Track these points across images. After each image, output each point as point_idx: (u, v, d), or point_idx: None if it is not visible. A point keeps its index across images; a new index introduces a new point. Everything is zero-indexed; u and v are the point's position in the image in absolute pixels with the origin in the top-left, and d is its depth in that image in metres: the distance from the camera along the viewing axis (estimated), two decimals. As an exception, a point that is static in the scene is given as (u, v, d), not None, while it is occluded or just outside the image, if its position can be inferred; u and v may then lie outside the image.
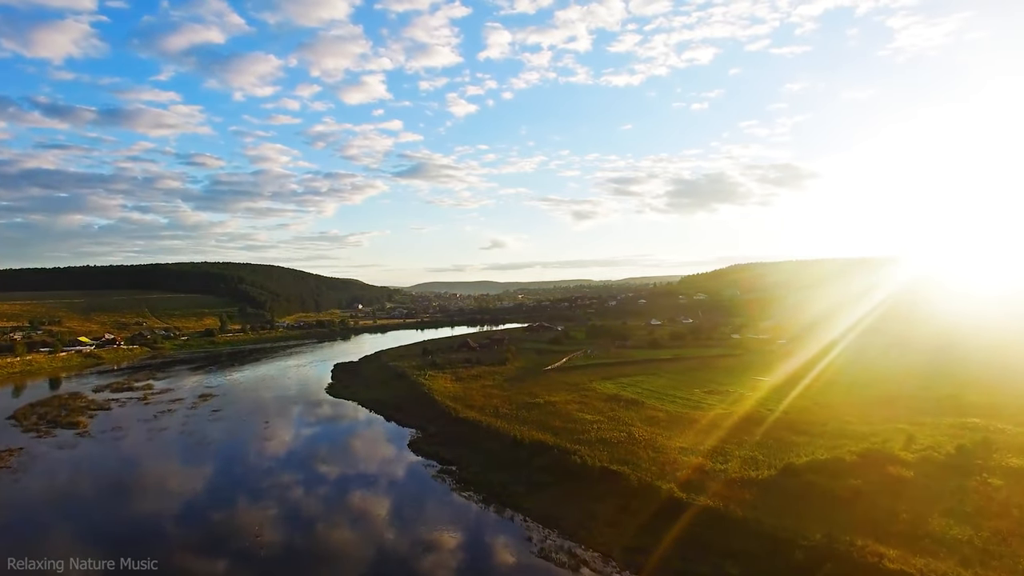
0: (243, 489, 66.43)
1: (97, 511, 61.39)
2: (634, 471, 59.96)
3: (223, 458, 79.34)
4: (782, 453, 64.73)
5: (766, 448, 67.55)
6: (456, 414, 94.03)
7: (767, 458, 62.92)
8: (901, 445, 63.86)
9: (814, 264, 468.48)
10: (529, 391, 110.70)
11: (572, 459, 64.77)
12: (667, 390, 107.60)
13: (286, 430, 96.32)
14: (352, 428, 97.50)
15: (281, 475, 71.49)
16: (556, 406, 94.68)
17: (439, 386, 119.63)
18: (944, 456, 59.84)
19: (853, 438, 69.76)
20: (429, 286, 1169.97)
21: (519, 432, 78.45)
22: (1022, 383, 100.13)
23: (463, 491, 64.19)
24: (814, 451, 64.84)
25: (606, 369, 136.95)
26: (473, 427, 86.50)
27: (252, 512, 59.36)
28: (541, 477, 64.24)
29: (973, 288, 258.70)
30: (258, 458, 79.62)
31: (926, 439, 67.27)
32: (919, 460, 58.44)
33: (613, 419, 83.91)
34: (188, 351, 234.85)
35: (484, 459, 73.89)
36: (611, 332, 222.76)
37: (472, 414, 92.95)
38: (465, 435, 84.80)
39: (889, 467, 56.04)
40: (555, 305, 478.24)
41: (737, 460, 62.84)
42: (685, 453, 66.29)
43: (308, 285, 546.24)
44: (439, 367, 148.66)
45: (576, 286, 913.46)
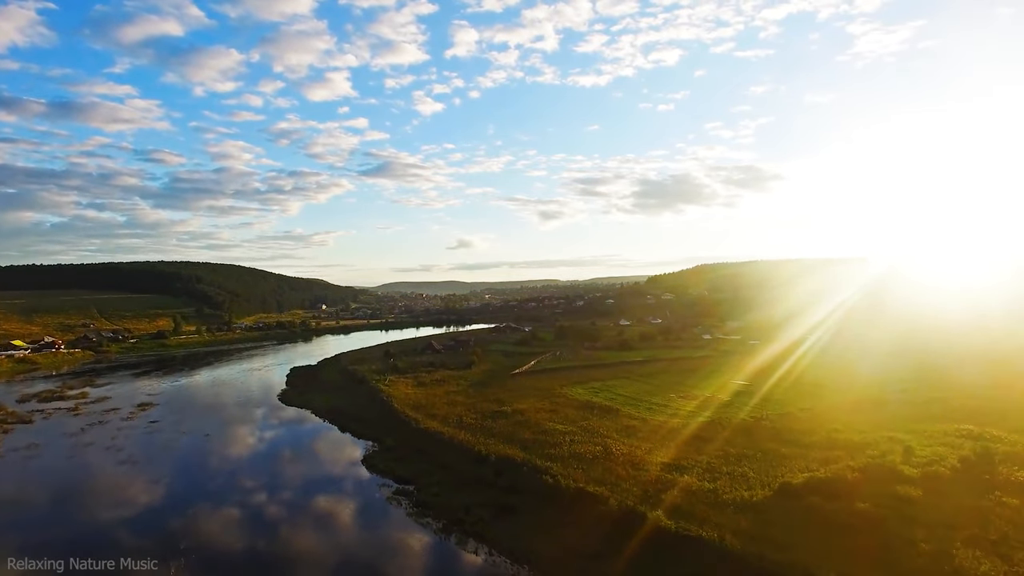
0: (155, 523, 56.63)
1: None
2: (614, 493, 53.25)
3: (146, 481, 69.73)
4: (774, 468, 58.82)
5: (755, 462, 61.62)
6: (416, 424, 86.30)
7: (759, 475, 56.89)
8: (901, 458, 58.62)
9: (779, 264, 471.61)
10: (496, 397, 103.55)
11: (543, 479, 57.82)
12: (642, 395, 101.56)
13: (228, 445, 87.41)
14: (302, 441, 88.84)
15: (209, 503, 62.19)
16: (525, 415, 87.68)
17: (400, 393, 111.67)
18: (949, 470, 54.68)
19: (846, 449, 64.40)
20: (395, 286, 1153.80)
21: (484, 446, 71.24)
22: (1002, 384, 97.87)
23: (420, 517, 56.63)
24: (807, 465, 59.16)
25: (576, 372, 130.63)
26: (434, 439, 78.92)
27: (154, 550, 49.16)
28: (509, 499, 57.12)
29: (937, 287, 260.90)
30: (187, 481, 70.06)
31: (925, 450, 62.24)
32: (925, 476, 53.07)
33: (587, 429, 77.21)
34: (137, 355, 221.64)
35: (445, 477, 66.48)
36: (580, 333, 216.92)
37: (434, 424, 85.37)
38: (425, 449, 77.22)
39: (896, 486, 50.49)
40: (522, 305, 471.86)
41: (726, 477, 56.69)
42: (668, 469, 59.91)
43: (270, 285, 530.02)
44: (401, 371, 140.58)
45: (543, 286, 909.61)
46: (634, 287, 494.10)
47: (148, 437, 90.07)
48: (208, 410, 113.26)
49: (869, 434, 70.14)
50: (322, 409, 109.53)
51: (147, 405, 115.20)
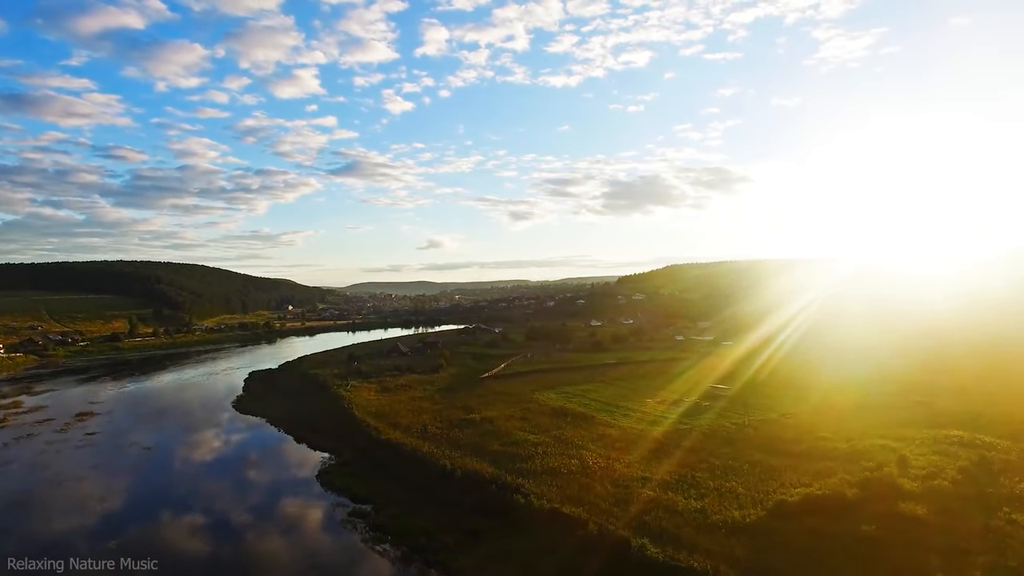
0: (79, 549, 50.21)
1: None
2: (593, 515, 48.02)
3: (72, 501, 62.56)
4: (764, 483, 54.27)
5: (743, 475, 57.01)
6: (377, 435, 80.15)
7: (749, 491, 52.22)
8: (897, 469, 54.55)
9: (748, 265, 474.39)
10: (464, 404, 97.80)
11: (514, 499, 52.39)
12: (617, 400, 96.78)
13: (169, 460, 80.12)
14: (253, 454, 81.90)
15: (140, 526, 55.49)
16: (494, 423, 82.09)
17: (362, 399, 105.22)
18: (951, 484, 50.71)
19: (838, 460, 60.27)
20: (365, 286, 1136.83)
21: (450, 459, 65.50)
22: (977, 385, 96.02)
23: (377, 543, 50.74)
24: (800, 478, 54.76)
25: (548, 376, 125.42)
26: (396, 452, 72.93)
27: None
28: (476, 522, 51.56)
29: (903, 286, 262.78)
30: (119, 501, 62.98)
31: (920, 460, 58.39)
32: (927, 491, 48.94)
33: (561, 440, 71.96)
34: (86, 359, 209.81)
35: (407, 495, 60.61)
36: (551, 334, 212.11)
37: (396, 435, 79.29)
38: (386, 462, 71.19)
39: (899, 503, 46.18)
40: (493, 305, 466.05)
41: (714, 494, 51.90)
42: (650, 485, 54.92)
43: (234, 285, 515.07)
44: (364, 376, 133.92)
45: (514, 286, 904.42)
46: (605, 287, 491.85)
47: (80, 452, 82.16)
48: (154, 419, 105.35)
49: (858, 442, 66.19)
50: (278, 417, 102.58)
51: (87, 415, 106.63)
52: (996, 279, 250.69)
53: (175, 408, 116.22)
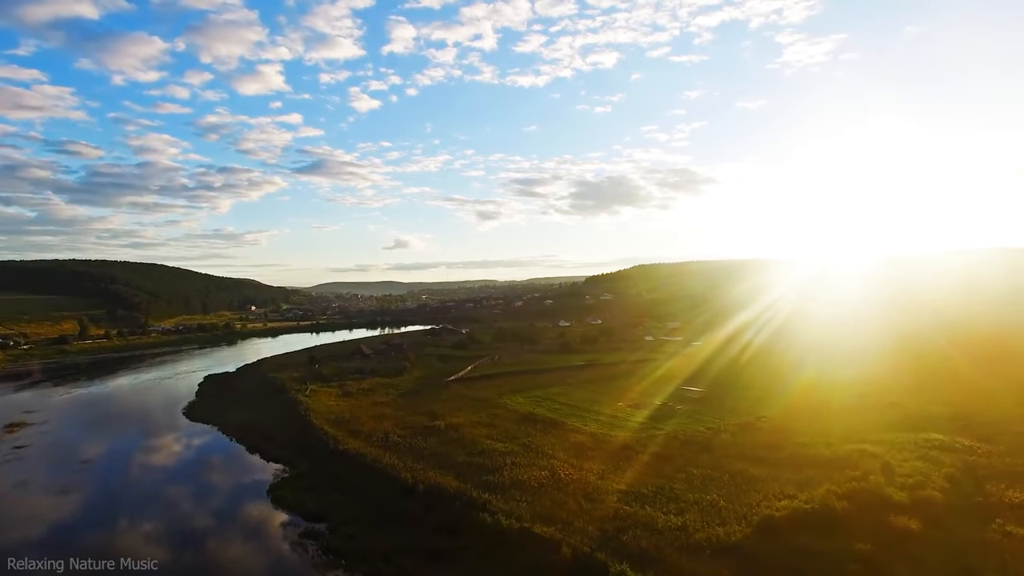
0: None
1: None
2: (566, 534, 44.16)
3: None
4: (746, 495, 51.14)
5: (723, 486, 53.85)
6: (336, 444, 75.10)
7: (731, 504, 49.00)
8: (883, 478, 52.04)
9: (714, 265, 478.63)
10: (428, 409, 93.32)
11: (481, 517, 48.17)
12: (587, 404, 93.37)
13: (106, 475, 73.43)
14: (201, 467, 75.90)
15: (52, 553, 49.30)
16: (460, 431, 77.83)
17: (321, 405, 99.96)
18: (940, 493, 48.35)
19: (820, 467, 57.64)
20: (331, 286, 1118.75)
21: (412, 472, 61.02)
22: (944, 385, 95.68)
23: (329, 569, 46.06)
24: (783, 489, 51.80)
25: (516, 379, 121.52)
26: (355, 463, 68.08)
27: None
28: (440, 542, 47.22)
29: (862, 286, 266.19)
30: (36, 531, 55.81)
31: (904, 466, 56.01)
32: (917, 503, 46.34)
33: (530, 448, 68.07)
34: (28, 363, 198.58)
35: (365, 512, 55.94)
36: (519, 335, 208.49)
37: (355, 444, 74.43)
38: (344, 474, 66.31)
39: (890, 516, 43.47)
40: (460, 306, 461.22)
41: (694, 509, 48.53)
42: (627, 499, 51.35)
43: (194, 285, 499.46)
44: (325, 379, 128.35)
45: (481, 287, 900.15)
46: (573, 288, 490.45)
47: (5, 468, 74.99)
48: (95, 429, 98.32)
49: (838, 447, 63.76)
50: (231, 425, 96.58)
51: (18, 425, 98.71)
52: (950, 279, 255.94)
53: (120, 416, 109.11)
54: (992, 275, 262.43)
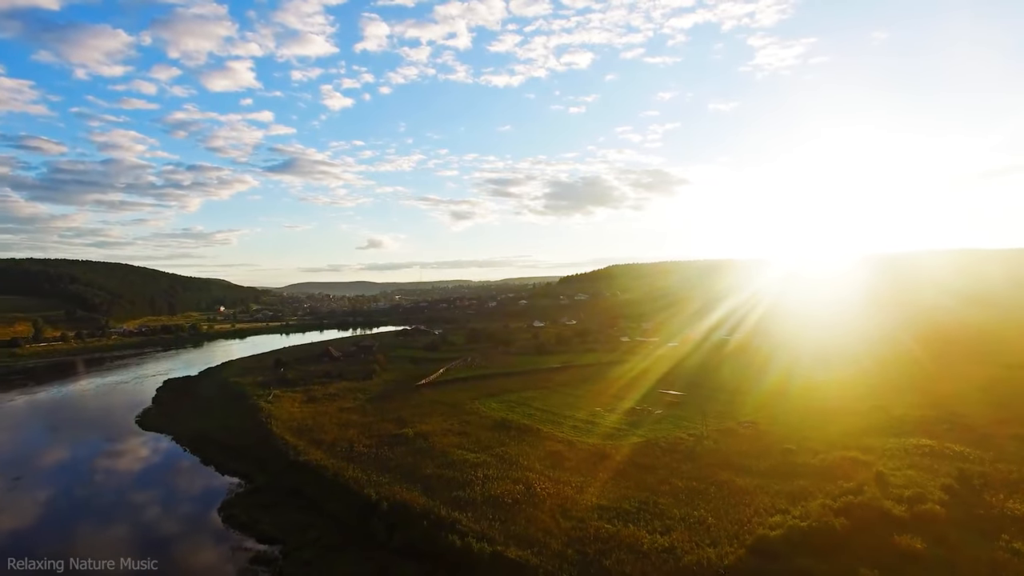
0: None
1: None
2: (542, 559, 40.16)
3: None
4: (736, 510, 47.68)
5: (711, 500, 50.33)
6: (296, 455, 70.04)
7: (720, 521, 45.45)
8: (878, 489, 49.14)
9: (687, 265, 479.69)
10: (397, 415, 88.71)
11: (449, 538, 43.88)
12: (563, 410, 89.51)
13: (41, 492, 67.46)
14: (149, 482, 70.21)
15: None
16: (430, 440, 73.36)
17: (283, 412, 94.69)
18: (939, 506, 45.45)
19: (811, 477, 54.62)
20: (303, 286, 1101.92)
21: (376, 487, 56.38)
22: (921, 386, 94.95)
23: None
24: (775, 503, 48.53)
25: (490, 382, 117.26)
26: (315, 477, 63.21)
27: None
28: (403, 568, 42.91)
29: (833, 286, 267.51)
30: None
31: (897, 476, 53.31)
32: (917, 518, 43.34)
33: (504, 459, 63.89)
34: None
35: (325, 532, 51.29)
36: (493, 336, 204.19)
37: (317, 455, 69.53)
38: (304, 489, 61.50)
39: (892, 534, 40.30)
40: (433, 306, 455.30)
41: (681, 527, 44.85)
42: (607, 516, 47.48)
43: (161, 285, 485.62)
44: (290, 383, 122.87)
45: (455, 287, 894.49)
46: (547, 288, 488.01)
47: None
48: (38, 440, 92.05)
49: (826, 455, 60.88)
50: (187, 434, 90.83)
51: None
52: (918, 279, 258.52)
53: (67, 426, 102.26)
54: (959, 275, 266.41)
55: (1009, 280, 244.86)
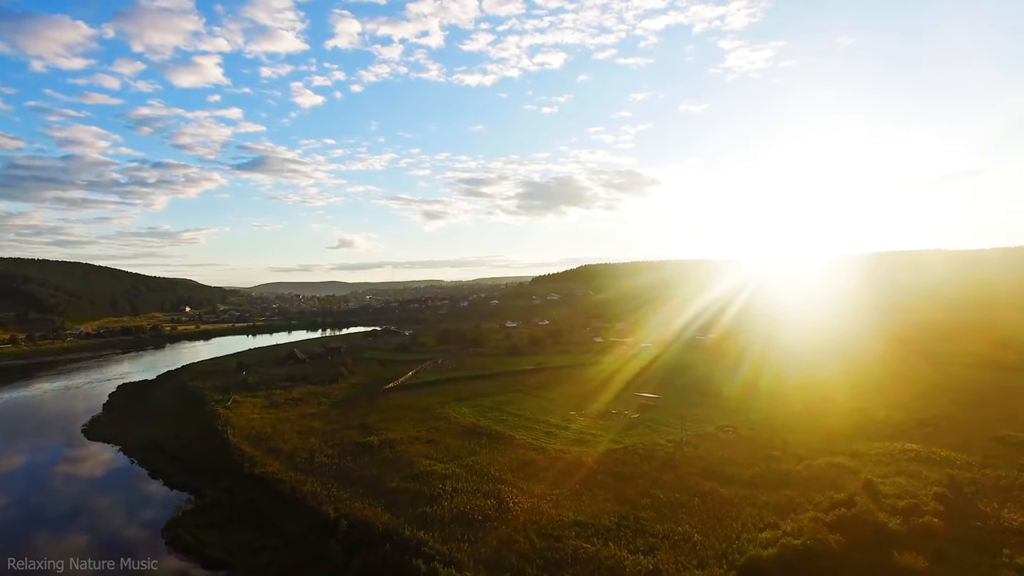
0: None
1: None
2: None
3: None
4: (723, 525, 44.58)
5: (694, 513, 47.18)
6: (251, 467, 65.27)
7: (707, 538, 42.29)
8: (870, 499, 46.53)
9: (659, 266, 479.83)
10: (362, 422, 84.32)
11: (414, 563, 39.89)
12: (537, 414, 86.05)
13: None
14: (87, 499, 64.54)
15: None
16: (396, 448, 69.23)
17: (242, 418, 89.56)
18: (935, 517, 42.98)
19: (797, 486, 51.86)
20: (273, 287, 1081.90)
21: (335, 503, 52.11)
22: (899, 387, 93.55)
23: (222, 638, 37.05)
24: (762, 516, 45.57)
25: (461, 385, 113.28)
26: (271, 491, 58.68)
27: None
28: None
29: (803, 286, 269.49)
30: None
31: (887, 484, 50.86)
32: (915, 533, 40.70)
33: (474, 470, 60.01)
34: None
35: (278, 554, 46.96)
36: (465, 337, 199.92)
37: (274, 467, 64.94)
38: (258, 506, 56.90)
39: (891, 552, 37.53)
40: (405, 306, 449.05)
41: (665, 544, 41.56)
42: (586, 534, 43.97)
43: (123, 285, 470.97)
44: (252, 388, 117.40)
45: (427, 287, 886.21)
46: (519, 288, 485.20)
47: None
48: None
49: (811, 461, 58.31)
50: (136, 444, 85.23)
51: None
52: (887, 279, 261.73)
53: (6, 434, 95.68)
54: (924, 276, 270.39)
55: (974, 281, 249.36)
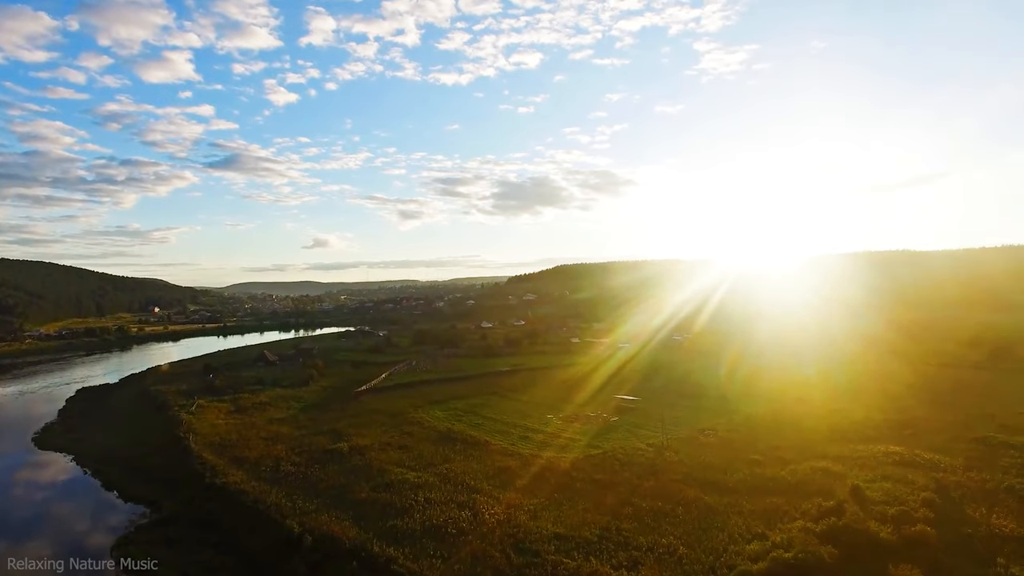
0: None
1: None
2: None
3: None
4: (709, 535, 42.58)
5: (679, 523, 45.11)
6: (212, 478, 61.86)
7: (693, 551, 40.21)
8: (858, 506, 45.04)
9: (634, 266, 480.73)
10: (332, 427, 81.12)
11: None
12: (514, 418, 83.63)
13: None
14: (32, 516, 60.02)
15: None
16: (366, 455, 66.26)
17: (206, 425, 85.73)
18: (927, 525, 41.43)
19: (783, 493, 50.22)
20: (246, 287, 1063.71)
21: (300, 516, 49.03)
22: (875, 386, 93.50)
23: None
24: (749, 526, 43.73)
25: (435, 387, 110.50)
26: (233, 503, 55.39)
27: None
28: (326, 622, 36.01)
29: (777, 287, 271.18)
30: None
31: (874, 489, 49.55)
32: (908, 542, 39.14)
33: (448, 478, 57.32)
34: None
35: (238, 574, 43.87)
36: (440, 338, 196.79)
37: (237, 476, 61.59)
38: (218, 519, 53.56)
39: (888, 567, 35.88)
40: (379, 307, 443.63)
41: (650, 559, 39.38)
42: (565, 548, 41.60)
43: (88, 285, 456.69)
44: (218, 392, 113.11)
45: (402, 287, 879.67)
46: (495, 288, 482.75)
47: None
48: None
49: (795, 465, 56.76)
50: (92, 453, 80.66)
51: None
52: (858, 280, 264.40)
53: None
54: (897, 276, 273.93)
55: (939, 281, 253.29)
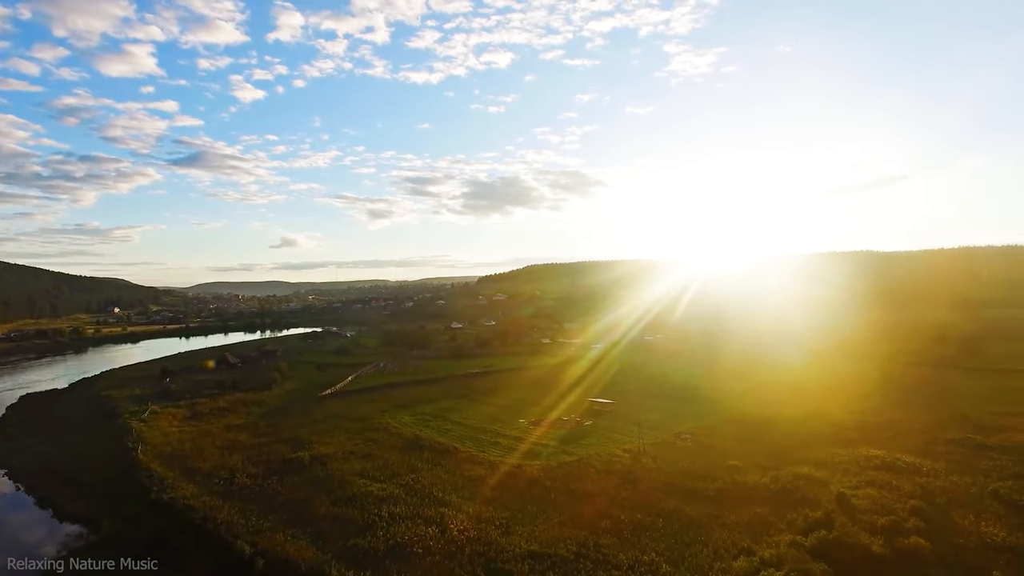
0: None
1: None
2: (460, 642, 30.86)
3: None
4: (691, 550, 40.14)
5: (660, 537, 42.58)
6: (160, 493, 57.39)
7: (675, 568, 37.72)
8: (845, 515, 43.32)
9: (605, 266, 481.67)
10: (293, 434, 77.08)
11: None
12: (484, 423, 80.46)
13: None
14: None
15: None
16: (328, 465, 62.50)
17: (158, 433, 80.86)
18: (919, 535, 39.80)
19: (767, 502, 48.17)
20: (213, 286, 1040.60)
21: (253, 536, 45.26)
22: (844, 387, 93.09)
23: None
24: (733, 538, 41.56)
25: (403, 391, 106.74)
26: (182, 520, 51.19)
27: None
28: (276, 657, 32.46)
29: (749, 289, 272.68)
30: None
31: (859, 496, 47.86)
32: (901, 556, 37.36)
33: (414, 490, 53.96)
34: None
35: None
36: (409, 338, 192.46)
37: (188, 491, 57.32)
38: (164, 540, 49.21)
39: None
40: (347, 307, 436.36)
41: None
42: (541, 566, 38.70)
43: (42, 285, 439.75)
44: (174, 397, 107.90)
45: (372, 286, 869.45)
46: (465, 287, 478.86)
47: None
48: None
49: (777, 471, 54.83)
50: (28, 466, 74.55)
51: None
52: (824, 280, 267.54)
53: None
54: (861, 275, 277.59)
55: (901, 281, 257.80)
